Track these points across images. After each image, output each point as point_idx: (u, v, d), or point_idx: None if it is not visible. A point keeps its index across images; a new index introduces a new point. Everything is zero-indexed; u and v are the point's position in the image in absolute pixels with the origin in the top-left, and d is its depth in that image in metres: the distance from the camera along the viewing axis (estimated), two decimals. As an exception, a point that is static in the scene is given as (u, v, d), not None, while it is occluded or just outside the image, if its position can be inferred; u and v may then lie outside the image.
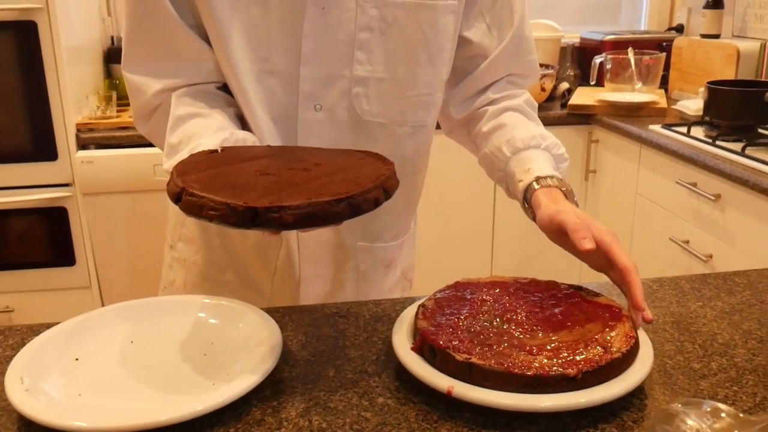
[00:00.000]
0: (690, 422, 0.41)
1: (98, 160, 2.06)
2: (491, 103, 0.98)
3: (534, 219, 0.84)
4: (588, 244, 0.73)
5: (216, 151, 0.74)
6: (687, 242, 1.95)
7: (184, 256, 1.02)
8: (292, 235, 0.95)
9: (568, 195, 0.84)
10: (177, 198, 0.62)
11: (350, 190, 0.63)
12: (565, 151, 0.93)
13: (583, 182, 2.51)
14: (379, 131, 0.90)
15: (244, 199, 0.59)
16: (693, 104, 2.26)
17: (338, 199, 0.61)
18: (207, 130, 0.82)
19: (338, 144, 0.88)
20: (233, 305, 0.79)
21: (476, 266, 2.52)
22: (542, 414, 0.63)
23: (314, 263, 0.97)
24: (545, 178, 0.85)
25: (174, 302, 0.80)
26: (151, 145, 0.99)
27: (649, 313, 0.72)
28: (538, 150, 0.90)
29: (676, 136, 2.03)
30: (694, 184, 1.89)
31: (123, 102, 2.42)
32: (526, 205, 0.87)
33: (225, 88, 0.90)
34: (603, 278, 0.80)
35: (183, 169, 0.67)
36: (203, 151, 0.75)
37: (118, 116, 2.22)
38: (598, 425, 0.62)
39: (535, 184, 0.85)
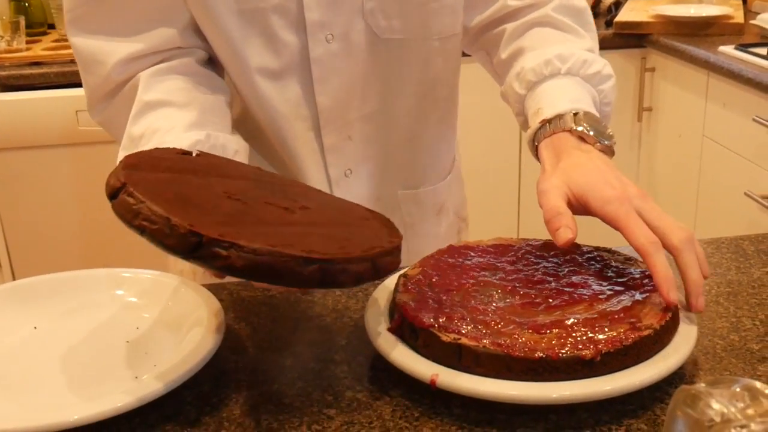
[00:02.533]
0: (716, 405, 0.42)
1: (4, 107, 2.07)
2: (511, 16, 0.99)
3: None
4: (564, 235, 0.73)
5: (189, 153, 0.74)
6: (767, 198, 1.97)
7: None
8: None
9: (586, 136, 0.82)
10: (114, 194, 0.62)
11: (329, 252, 0.61)
12: (604, 67, 0.92)
13: (635, 123, 2.51)
14: (403, 51, 0.93)
15: (191, 221, 0.59)
16: (778, 18, 2.26)
17: (309, 259, 0.59)
18: (177, 126, 0.82)
19: (360, 78, 0.91)
20: (161, 278, 0.81)
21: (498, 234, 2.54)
22: (551, 407, 0.65)
23: None
24: (552, 120, 0.84)
25: (85, 277, 0.82)
26: (74, 85, 0.99)
27: (701, 302, 0.72)
28: (557, 78, 0.90)
29: (754, 60, 2.02)
30: (777, 122, 1.90)
31: (35, 31, 2.41)
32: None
33: (217, 64, 0.89)
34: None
35: (135, 162, 0.67)
36: (172, 149, 0.75)
37: (28, 48, 2.22)
38: (623, 420, 0.64)
39: (540, 132, 0.86)
